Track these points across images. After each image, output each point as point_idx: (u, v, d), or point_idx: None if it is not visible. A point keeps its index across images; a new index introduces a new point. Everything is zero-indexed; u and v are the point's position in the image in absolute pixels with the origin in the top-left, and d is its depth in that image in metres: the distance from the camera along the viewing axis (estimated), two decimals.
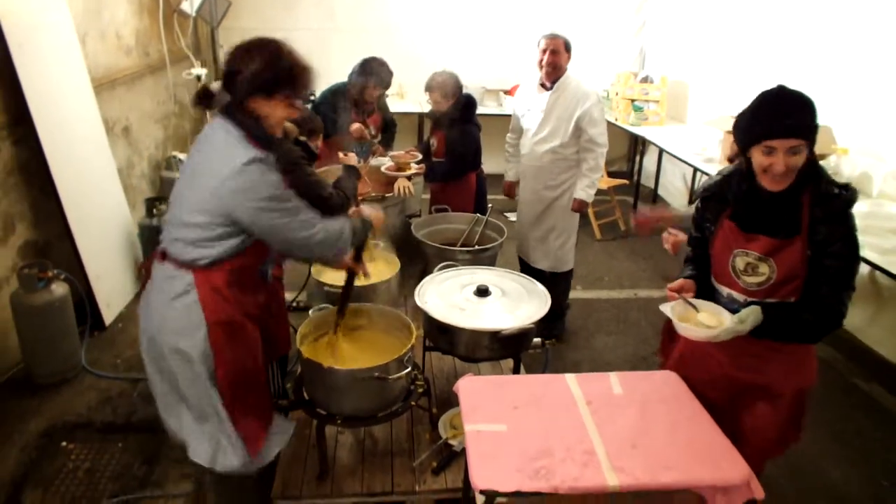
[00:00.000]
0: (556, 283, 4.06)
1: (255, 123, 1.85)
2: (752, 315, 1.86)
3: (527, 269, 4.08)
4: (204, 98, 1.95)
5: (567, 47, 3.65)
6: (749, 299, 1.97)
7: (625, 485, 1.57)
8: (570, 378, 2.00)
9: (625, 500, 1.69)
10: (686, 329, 1.90)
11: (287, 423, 2.27)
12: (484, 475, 1.58)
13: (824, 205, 1.82)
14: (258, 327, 2.11)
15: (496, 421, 1.77)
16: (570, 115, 3.66)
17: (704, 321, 1.93)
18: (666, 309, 1.98)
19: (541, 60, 3.67)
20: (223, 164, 1.79)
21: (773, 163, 1.79)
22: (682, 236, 2.50)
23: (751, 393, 2.08)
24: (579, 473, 1.58)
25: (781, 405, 2.06)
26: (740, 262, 1.96)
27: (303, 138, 2.92)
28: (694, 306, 1.98)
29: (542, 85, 3.74)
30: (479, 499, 1.57)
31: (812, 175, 1.84)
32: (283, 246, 1.95)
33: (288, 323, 2.63)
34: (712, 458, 1.69)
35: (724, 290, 2.05)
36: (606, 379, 2.00)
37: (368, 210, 2.39)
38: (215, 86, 1.94)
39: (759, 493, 1.64)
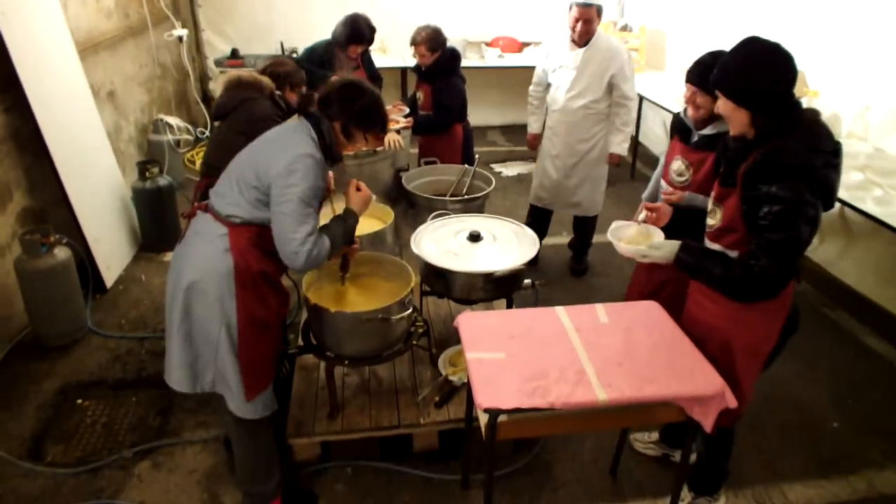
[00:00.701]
0: (585, 225, 4.29)
1: (332, 138, 2.14)
2: (667, 246, 2.02)
3: (539, 216, 4.26)
4: (308, 104, 2.19)
5: (599, 13, 3.72)
6: (707, 241, 2.11)
7: (613, 399, 1.75)
8: (560, 310, 2.16)
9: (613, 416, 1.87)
10: (613, 242, 2.17)
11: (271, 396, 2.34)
12: (487, 396, 1.75)
13: (759, 163, 1.83)
14: (277, 291, 2.25)
15: (495, 350, 1.93)
16: (602, 72, 3.77)
17: (631, 239, 2.19)
18: (613, 224, 2.26)
19: (573, 27, 3.73)
20: (287, 148, 2.06)
21: None
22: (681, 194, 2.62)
23: (694, 328, 2.16)
24: (572, 390, 1.76)
25: (706, 349, 2.07)
26: (709, 204, 2.11)
27: (278, 92, 3.00)
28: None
29: (574, 42, 3.81)
30: (483, 418, 1.74)
31: (773, 134, 1.85)
32: (275, 237, 2.08)
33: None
34: (690, 373, 1.87)
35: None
36: (593, 310, 2.17)
37: (354, 196, 2.32)
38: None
39: (733, 403, 1.83)
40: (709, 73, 1.99)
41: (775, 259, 1.82)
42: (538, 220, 4.29)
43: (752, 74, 1.83)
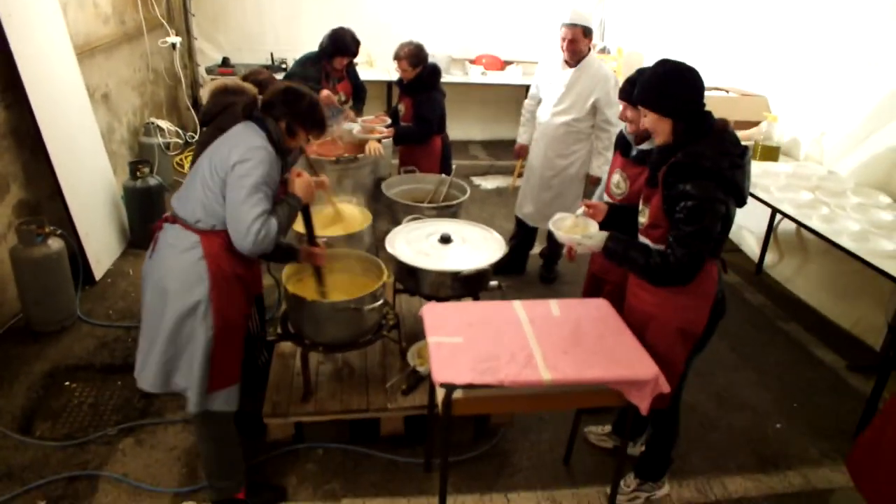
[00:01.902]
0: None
1: (279, 134, 2.30)
2: (598, 237, 2.26)
3: (525, 227, 4.47)
4: (252, 109, 2.37)
5: (586, 33, 3.91)
6: (639, 237, 2.34)
7: (556, 379, 1.96)
8: (516, 304, 2.38)
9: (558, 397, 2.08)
10: (553, 230, 2.38)
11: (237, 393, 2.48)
12: (444, 373, 1.95)
13: (676, 165, 2.08)
14: (246, 293, 2.40)
15: (454, 334, 2.14)
16: (588, 94, 3.97)
17: (568, 230, 2.39)
18: (554, 217, 2.45)
19: (561, 46, 3.93)
20: (241, 143, 2.22)
21: None
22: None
23: (633, 316, 2.39)
24: (520, 371, 1.97)
25: (645, 334, 2.31)
26: (640, 205, 2.36)
27: (260, 97, 3.20)
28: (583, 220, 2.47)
29: (566, 62, 4.02)
30: (440, 392, 1.95)
31: (689, 140, 2.11)
32: (227, 219, 2.20)
33: (259, 265, 2.80)
34: (629, 360, 2.08)
35: None
36: (547, 304, 2.39)
37: (296, 181, 2.45)
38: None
39: (665, 388, 2.05)
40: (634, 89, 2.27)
41: (688, 248, 2.06)
42: (523, 230, 4.50)
43: (670, 89, 2.10)
